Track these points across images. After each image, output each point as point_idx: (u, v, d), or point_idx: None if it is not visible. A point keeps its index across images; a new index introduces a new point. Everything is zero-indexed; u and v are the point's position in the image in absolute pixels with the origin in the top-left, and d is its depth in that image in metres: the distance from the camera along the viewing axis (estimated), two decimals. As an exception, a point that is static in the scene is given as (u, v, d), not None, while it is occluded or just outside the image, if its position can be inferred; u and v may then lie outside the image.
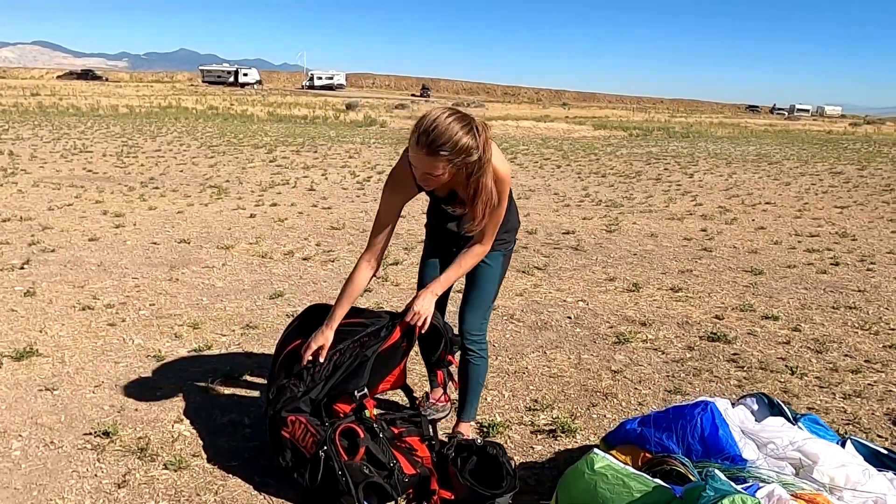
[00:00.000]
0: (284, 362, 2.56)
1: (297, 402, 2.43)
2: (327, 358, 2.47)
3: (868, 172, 14.33)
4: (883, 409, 3.29)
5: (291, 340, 2.60)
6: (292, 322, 2.74)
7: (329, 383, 2.45)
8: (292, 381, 2.49)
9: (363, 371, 2.43)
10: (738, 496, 1.57)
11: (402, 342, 2.50)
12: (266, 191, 9.45)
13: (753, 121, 49.46)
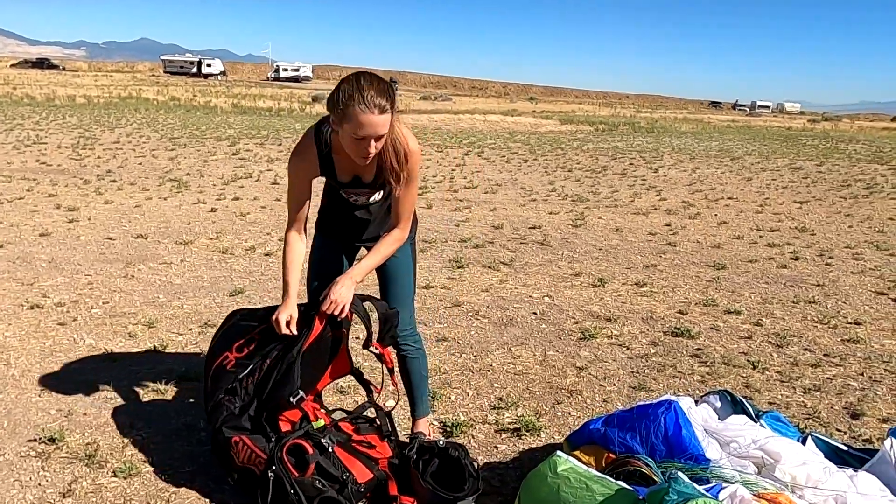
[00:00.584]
0: (216, 377, 2.44)
1: (236, 419, 2.33)
2: (256, 367, 2.37)
3: (826, 168, 14.66)
4: (842, 402, 3.33)
5: (219, 354, 2.47)
6: (216, 334, 2.59)
7: (262, 395, 2.33)
8: (226, 397, 2.37)
9: (292, 375, 2.32)
10: (702, 499, 1.54)
11: (327, 332, 2.39)
12: (228, 184, 9.25)
13: (716, 117, 50.34)
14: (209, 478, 2.47)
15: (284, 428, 2.30)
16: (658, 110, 59.81)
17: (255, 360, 2.42)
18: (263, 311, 2.55)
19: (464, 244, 6.43)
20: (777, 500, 1.78)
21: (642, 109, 59.04)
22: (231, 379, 2.40)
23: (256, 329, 2.49)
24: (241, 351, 2.46)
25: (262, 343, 2.44)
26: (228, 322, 2.59)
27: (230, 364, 2.44)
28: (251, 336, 2.48)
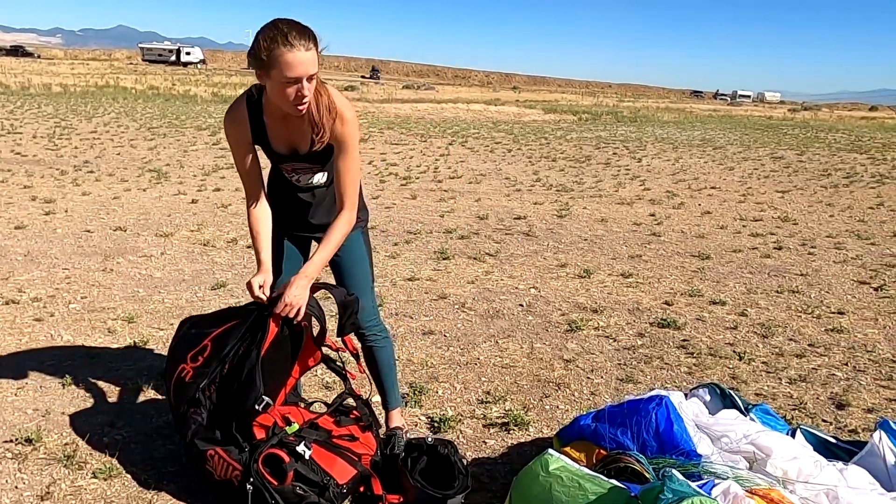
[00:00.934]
0: (177, 390, 2.37)
1: (207, 431, 2.26)
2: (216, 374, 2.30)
3: (807, 157, 14.78)
4: (827, 393, 3.35)
5: (176, 366, 2.39)
6: (170, 345, 2.51)
7: (225, 403, 2.27)
8: (190, 409, 2.30)
9: (255, 381, 2.24)
10: (697, 497, 1.52)
11: (283, 332, 2.32)
12: (209, 175, 9.11)
13: (698, 106, 50.62)
14: (192, 478, 2.41)
15: (259, 434, 2.23)
16: (640, 99, 60.03)
17: (212, 368, 2.34)
18: (213, 316, 2.48)
19: (449, 235, 6.38)
20: (769, 495, 1.76)
21: (625, 99, 59.21)
22: (192, 390, 2.32)
23: (208, 336, 2.40)
24: (197, 360, 2.37)
25: (215, 349, 2.35)
26: (179, 332, 2.50)
27: (188, 375, 2.36)
28: (203, 344, 2.39)
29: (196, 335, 2.38)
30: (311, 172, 2.36)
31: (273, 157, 2.35)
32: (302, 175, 2.37)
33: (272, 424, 2.23)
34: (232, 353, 2.29)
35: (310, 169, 2.35)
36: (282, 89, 2.04)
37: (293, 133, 2.24)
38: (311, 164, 2.33)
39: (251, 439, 2.20)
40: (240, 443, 2.18)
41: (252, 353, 2.23)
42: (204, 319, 2.45)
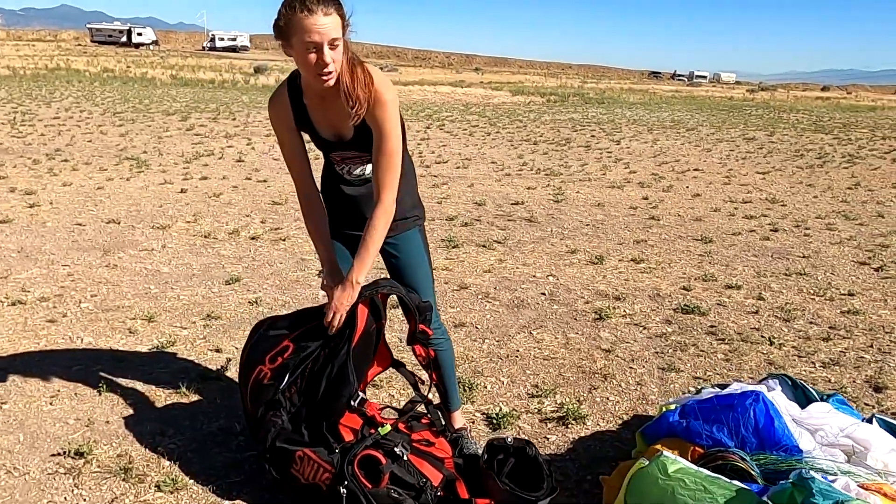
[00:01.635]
0: (254, 393, 2.27)
1: (291, 433, 2.17)
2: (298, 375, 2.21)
3: (777, 138, 15.09)
4: (862, 376, 3.41)
5: (252, 368, 2.29)
6: (244, 348, 2.40)
7: (314, 403, 2.19)
8: (270, 412, 2.21)
9: (347, 374, 2.17)
10: (856, 501, 1.51)
11: (371, 325, 2.27)
12: (191, 162, 8.82)
13: (661, 87, 51.23)
14: (261, 487, 2.32)
15: (347, 436, 2.17)
16: (603, 80, 60.48)
17: (292, 368, 2.25)
18: (291, 317, 2.38)
19: (451, 222, 6.31)
20: (882, 489, 1.77)
21: (588, 80, 59.56)
22: (271, 392, 2.24)
23: (288, 336, 2.31)
24: (275, 361, 2.28)
25: (297, 349, 2.27)
26: (255, 334, 2.40)
27: (267, 377, 2.26)
28: (284, 345, 2.30)
29: (275, 336, 2.27)
30: (361, 162, 2.26)
31: (320, 144, 2.25)
32: (352, 165, 2.27)
33: (360, 426, 2.16)
34: (318, 352, 2.19)
35: (359, 158, 2.24)
36: (304, 58, 1.96)
37: (334, 116, 2.14)
38: (360, 153, 2.22)
39: (340, 441, 2.12)
40: (330, 444, 2.10)
41: (342, 350, 2.14)
42: (282, 320, 2.35)
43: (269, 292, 4.26)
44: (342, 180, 2.33)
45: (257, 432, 2.22)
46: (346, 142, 2.19)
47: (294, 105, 2.18)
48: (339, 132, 2.18)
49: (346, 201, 2.36)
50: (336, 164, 2.31)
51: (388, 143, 2.10)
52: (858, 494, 1.67)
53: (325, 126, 2.19)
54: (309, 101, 2.16)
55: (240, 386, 2.35)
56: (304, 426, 2.16)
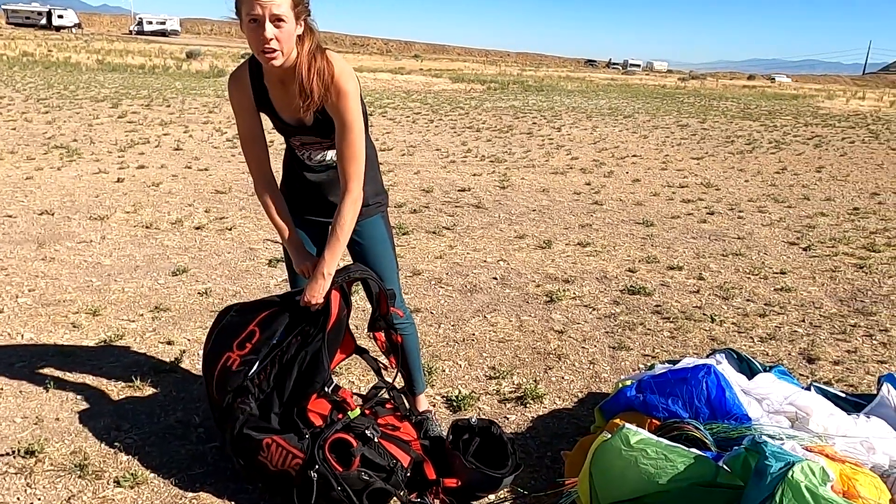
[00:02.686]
0: (221, 380, 2.24)
1: (260, 420, 2.16)
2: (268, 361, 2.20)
3: (708, 125, 15.64)
4: (796, 349, 3.62)
5: (219, 355, 2.27)
6: (209, 335, 2.37)
7: (286, 389, 2.18)
8: (238, 399, 2.19)
9: (322, 361, 2.17)
10: (805, 462, 1.62)
11: (343, 311, 2.28)
12: (126, 151, 8.50)
13: (597, 75, 52.18)
14: (225, 478, 2.30)
15: (316, 422, 2.17)
16: (541, 68, 61.14)
17: (262, 354, 2.24)
18: (256, 303, 2.36)
19: (400, 209, 6.31)
20: (825, 451, 1.90)
21: (526, 68, 60.12)
22: (240, 379, 2.21)
23: (254, 321, 2.29)
24: (244, 347, 2.25)
25: (264, 335, 2.25)
26: (220, 321, 2.36)
27: (235, 364, 2.24)
28: (250, 330, 2.28)
29: (240, 322, 2.25)
30: (322, 148, 2.24)
31: (280, 127, 2.22)
32: (313, 151, 2.25)
33: (329, 412, 2.16)
34: (290, 339, 2.18)
35: (319, 144, 2.23)
36: (247, 32, 1.95)
37: (293, 100, 2.11)
38: (321, 139, 2.21)
39: (310, 426, 2.12)
40: (300, 430, 2.10)
41: (316, 337, 2.14)
42: (247, 306, 2.32)
43: (218, 283, 4.17)
44: (304, 166, 2.30)
45: (224, 421, 2.19)
46: (307, 127, 2.17)
47: (254, 85, 2.14)
48: (299, 117, 2.15)
49: (308, 187, 2.33)
50: (297, 149, 2.28)
51: (350, 133, 2.09)
52: (805, 456, 1.79)
53: (286, 110, 2.16)
54: (269, 82, 2.13)
55: (204, 375, 2.31)
56: (273, 413, 2.15)
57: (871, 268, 5.05)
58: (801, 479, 1.57)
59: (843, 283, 4.69)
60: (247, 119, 2.19)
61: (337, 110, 2.07)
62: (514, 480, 2.26)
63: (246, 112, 2.18)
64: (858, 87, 50.90)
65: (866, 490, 1.76)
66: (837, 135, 14.61)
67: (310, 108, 2.06)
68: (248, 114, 2.18)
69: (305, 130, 2.19)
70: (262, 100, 2.16)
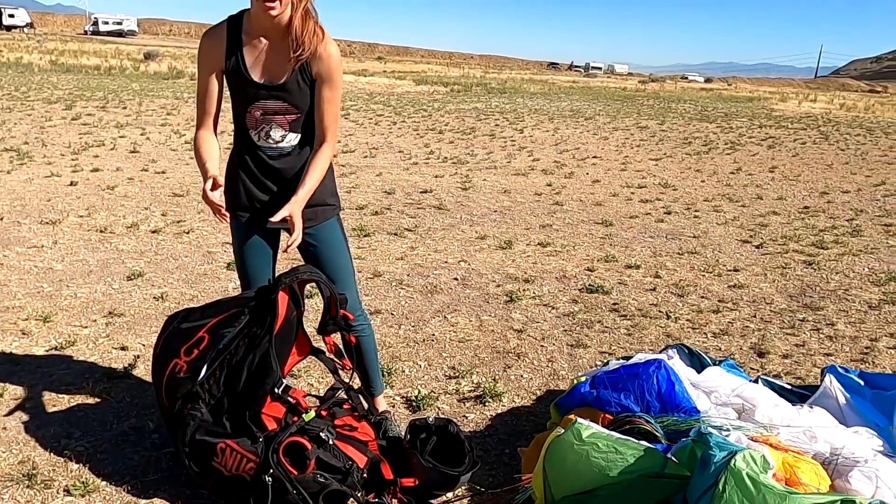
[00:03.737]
0: (170, 387, 2.21)
1: (212, 424, 2.13)
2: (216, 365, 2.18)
3: (667, 127, 15.96)
4: (747, 343, 3.73)
5: (167, 363, 2.24)
6: (156, 344, 2.35)
7: (236, 393, 2.16)
8: (189, 406, 2.16)
9: (270, 363, 2.16)
10: (747, 451, 1.67)
11: (292, 312, 2.27)
12: (79, 154, 8.30)
13: (559, 77, 52.75)
14: (180, 484, 2.27)
15: (270, 426, 2.16)
16: (504, 71, 61.58)
17: (210, 359, 2.21)
18: (204, 308, 2.33)
19: (361, 211, 6.30)
20: (769, 441, 1.97)
21: (490, 70, 60.47)
22: (188, 385, 2.19)
23: (203, 327, 2.26)
24: (191, 353, 2.22)
25: (212, 340, 2.23)
26: (167, 328, 2.33)
27: (183, 370, 2.21)
28: (198, 336, 2.25)
29: (189, 328, 2.22)
30: (284, 123, 2.19)
31: (244, 89, 2.17)
32: (271, 126, 2.19)
33: (283, 415, 2.15)
34: (237, 341, 2.16)
35: (283, 115, 2.18)
36: None
37: (273, 57, 2.14)
38: (286, 104, 2.17)
39: (264, 430, 2.11)
40: (254, 434, 2.08)
41: (263, 339, 2.12)
42: (195, 311, 2.29)
43: (175, 287, 4.11)
44: (256, 151, 2.24)
45: (175, 428, 2.17)
46: (276, 86, 2.15)
47: (230, 41, 2.15)
48: (271, 75, 2.15)
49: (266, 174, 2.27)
50: (252, 127, 2.21)
51: (335, 91, 2.20)
52: (749, 446, 1.85)
53: (258, 68, 2.15)
54: (248, 38, 2.14)
55: (153, 382, 2.28)
56: (225, 417, 2.13)
57: (819, 264, 5.22)
58: (742, 467, 1.62)
59: (792, 280, 4.84)
60: (211, 72, 2.20)
61: (328, 69, 2.16)
62: (471, 478, 2.28)
63: (212, 70, 2.20)
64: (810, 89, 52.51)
65: (807, 477, 1.83)
66: (790, 136, 15.05)
67: (301, 58, 2.12)
68: (214, 73, 2.20)
69: (274, 92, 2.16)
70: (234, 56, 2.15)
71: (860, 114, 24.79)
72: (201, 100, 2.25)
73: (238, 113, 2.23)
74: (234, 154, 2.33)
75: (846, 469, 1.90)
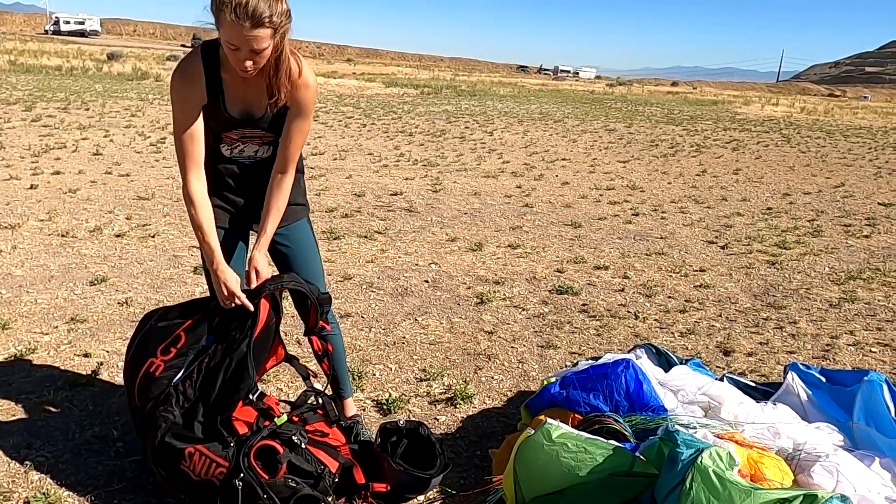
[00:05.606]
0: (143, 387, 2.17)
1: (183, 428, 2.09)
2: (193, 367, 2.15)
3: (634, 129, 16.18)
4: (713, 342, 3.79)
5: (142, 362, 2.19)
6: (131, 342, 2.30)
7: (211, 397, 2.12)
8: (161, 407, 2.12)
9: (247, 368, 2.12)
10: (713, 448, 1.70)
11: (272, 319, 2.26)
12: (40, 156, 8.09)
13: (529, 80, 53.11)
14: (147, 493, 2.23)
15: (241, 430, 2.13)
16: (474, 73, 61.78)
17: (187, 360, 2.18)
18: (182, 307, 2.30)
19: (331, 214, 6.26)
20: (734, 438, 2.00)
21: (459, 73, 60.60)
22: (163, 385, 2.15)
23: (181, 326, 2.23)
24: (168, 353, 2.18)
25: (190, 340, 2.20)
26: (143, 326, 2.29)
27: (159, 370, 2.17)
28: (175, 335, 2.21)
29: (166, 327, 2.17)
30: (260, 142, 2.20)
31: (223, 120, 2.13)
32: (248, 145, 2.19)
33: (255, 419, 2.12)
34: (215, 345, 2.12)
35: (260, 138, 2.19)
36: (225, 49, 1.93)
37: (251, 92, 2.09)
38: (264, 132, 2.17)
39: (234, 435, 2.07)
40: (224, 438, 2.04)
41: (241, 343, 2.09)
42: (172, 310, 2.25)
43: (140, 292, 4.03)
44: (226, 164, 2.23)
45: (145, 429, 2.12)
46: (254, 119, 2.13)
47: (209, 79, 2.06)
48: (249, 110, 2.12)
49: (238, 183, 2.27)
50: (228, 143, 2.19)
51: (306, 122, 2.17)
52: (715, 443, 1.88)
53: (237, 101, 2.11)
54: (228, 75, 2.06)
55: (125, 382, 2.23)
56: (197, 421, 2.09)
57: (782, 264, 5.34)
58: (709, 465, 1.65)
59: (756, 279, 4.94)
60: (193, 112, 2.07)
61: (300, 101, 2.12)
62: (442, 480, 2.28)
63: (193, 105, 2.07)
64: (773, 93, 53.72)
65: (771, 472, 1.86)
66: (753, 139, 15.38)
67: (277, 105, 2.09)
68: (194, 107, 2.07)
69: (251, 123, 2.14)
70: (214, 92, 2.08)
71: (820, 117, 25.46)
72: (185, 144, 2.08)
73: (210, 132, 2.18)
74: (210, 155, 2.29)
75: (808, 464, 1.94)
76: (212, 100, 2.09)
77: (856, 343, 3.84)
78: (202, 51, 2.06)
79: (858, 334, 3.96)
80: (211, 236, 2.15)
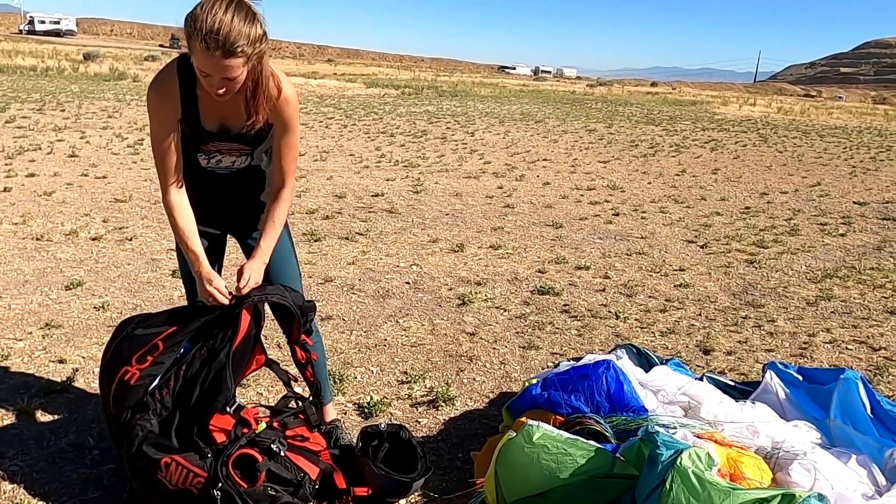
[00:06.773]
0: (119, 395, 2.12)
1: (159, 437, 2.06)
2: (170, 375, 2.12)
3: (614, 130, 16.29)
4: (693, 342, 3.82)
5: (117, 369, 2.14)
6: (106, 349, 2.25)
7: (188, 407, 2.10)
8: (137, 415, 2.09)
9: (224, 381, 2.10)
10: (693, 449, 1.71)
11: (252, 329, 2.24)
12: (14, 158, 7.96)
13: (510, 81, 53.24)
14: (123, 501, 2.19)
15: (219, 438, 2.10)
16: (455, 74, 61.81)
17: (164, 368, 2.14)
18: (162, 315, 2.26)
19: (312, 216, 6.22)
20: (714, 437, 2.02)
21: (440, 73, 60.61)
22: (139, 393, 2.11)
23: (159, 335, 2.18)
24: (144, 361, 2.14)
25: (168, 349, 2.16)
26: (120, 334, 2.24)
27: (134, 378, 2.12)
28: (153, 343, 2.17)
29: (144, 335, 2.13)
30: (238, 154, 2.17)
31: (199, 134, 2.10)
32: (225, 157, 2.17)
33: (233, 426, 2.09)
34: (193, 353, 2.09)
35: (237, 150, 2.16)
36: (199, 74, 1.90)
37: (228, 108, 2.05)
38: (241, 146, 2.15)
39: (212, 444, 2.04)
40: (201, 448, 2.01)
41: (221, 352, 2.06)
42: (151, 318, 2.20)
43: (117, 296, 3.97)
44: (203, 174, 2.21)
45: (120, 438, 2.08)
46: (231, 135, 2.11)
47: (183, 95, 2.02)
48: (226, 124, 2.09)
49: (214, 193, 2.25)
50: (206, 153, 2.16)
51: (293, 136, 2.15)
52: (695, 443, 1.89)
53: (213, 117, 2.07)
54: (203, 91, 2.01)
55: (100, 389, 2.19)
56: (173, 430, 2.06)
57: (760, 263, 5.40)
58: (688, 465, 1.66)
59: (735, 278, 4.99)
60: (171, 131, 2.05)
61: (283, 117, 2.09)
62: (424, 484, 2.27)
63: (169, 119, 2.05)
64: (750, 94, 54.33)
65: (750, 471, 1.88)
66: (731, 139, 15.55)
67: (254, 127, 2.06)
68: (171, 121, 2.05)
69: (228, 138, 2.12)
70: (189, 107, 2.05)
71: (796, 117, 25.81)
72: (164, 157, 2.06)
73: (188, 141, 2.15)
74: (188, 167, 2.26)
75: (787, 462, 1.96)
76: (186, 115, 2.06)
77: (832, 341, 3.89)
78: (178, 65, 2.03)
79: (835, 332, 4.02)
80: (194, 242, 2.14)
